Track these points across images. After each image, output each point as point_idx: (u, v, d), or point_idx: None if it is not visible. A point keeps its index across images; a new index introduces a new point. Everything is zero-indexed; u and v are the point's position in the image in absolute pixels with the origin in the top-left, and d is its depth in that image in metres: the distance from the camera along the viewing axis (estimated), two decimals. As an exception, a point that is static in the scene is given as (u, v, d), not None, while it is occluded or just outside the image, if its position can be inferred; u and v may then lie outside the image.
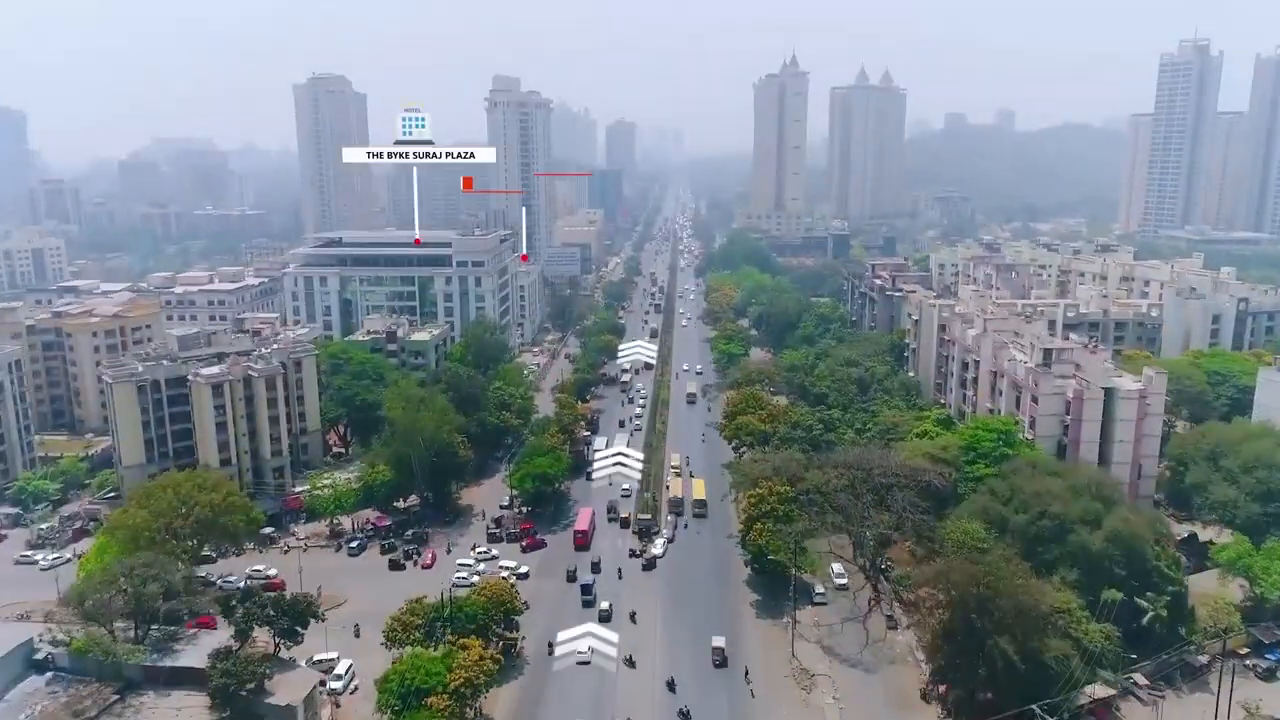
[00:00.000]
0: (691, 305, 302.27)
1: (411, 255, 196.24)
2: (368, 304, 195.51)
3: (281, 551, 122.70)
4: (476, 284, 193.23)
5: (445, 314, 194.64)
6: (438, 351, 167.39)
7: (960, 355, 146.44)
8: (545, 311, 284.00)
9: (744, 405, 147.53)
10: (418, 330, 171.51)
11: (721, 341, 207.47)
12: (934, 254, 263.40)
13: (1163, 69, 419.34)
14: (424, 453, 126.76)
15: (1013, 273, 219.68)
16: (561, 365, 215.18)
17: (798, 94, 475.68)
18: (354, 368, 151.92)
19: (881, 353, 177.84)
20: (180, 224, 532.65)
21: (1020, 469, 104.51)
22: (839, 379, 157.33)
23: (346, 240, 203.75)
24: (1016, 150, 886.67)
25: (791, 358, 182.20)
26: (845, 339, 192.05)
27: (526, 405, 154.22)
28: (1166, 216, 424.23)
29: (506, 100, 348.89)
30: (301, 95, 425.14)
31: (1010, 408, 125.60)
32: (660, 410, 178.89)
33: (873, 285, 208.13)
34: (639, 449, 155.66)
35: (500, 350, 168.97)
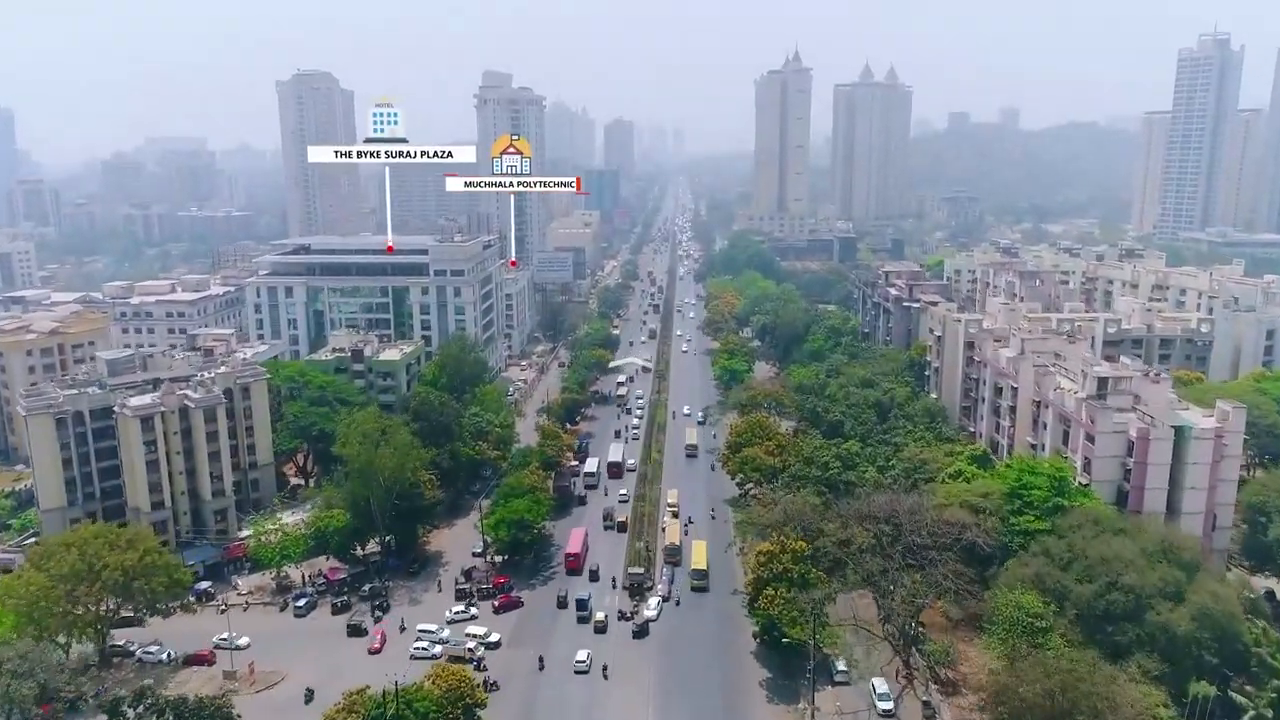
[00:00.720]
0: (691, 325, 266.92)
1: (385, 263, 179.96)
2: (337, 317, 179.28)
3: (219, 610, 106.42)
4: (456, 295, 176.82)
5: (422, 327, 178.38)
6: (409, 372, 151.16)
7: (992, 379, 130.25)
8: (536, 320, 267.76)
9: (749, 434, 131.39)
10: (388, 348, 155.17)
11: (724, 356, 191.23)
12: (949, 260, 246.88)
13: (1181, 64, 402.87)
14: (384, 495, 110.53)
15: (1037, 280, 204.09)
16: (552, 380, 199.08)
17: (801, 91, 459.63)
18: (313, 392, 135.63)
19: (899, 371, 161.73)
20: (163, 226, 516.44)
21: (1080, 525, 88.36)
22: (855, 403, 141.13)
23: (315, 247, 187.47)
24: (1022, 150, 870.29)
25: (800, 375, 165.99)
26: (859, 355, 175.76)
27: (506, 434, 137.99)
28: (1185, 218, 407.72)
29: (496, 97, 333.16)
30: (285, 92, 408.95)
31: (1056, 444, 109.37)
32: (655, 435, 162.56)
33: (887, 295, 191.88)
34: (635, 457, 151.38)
35: (479, 370, 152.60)
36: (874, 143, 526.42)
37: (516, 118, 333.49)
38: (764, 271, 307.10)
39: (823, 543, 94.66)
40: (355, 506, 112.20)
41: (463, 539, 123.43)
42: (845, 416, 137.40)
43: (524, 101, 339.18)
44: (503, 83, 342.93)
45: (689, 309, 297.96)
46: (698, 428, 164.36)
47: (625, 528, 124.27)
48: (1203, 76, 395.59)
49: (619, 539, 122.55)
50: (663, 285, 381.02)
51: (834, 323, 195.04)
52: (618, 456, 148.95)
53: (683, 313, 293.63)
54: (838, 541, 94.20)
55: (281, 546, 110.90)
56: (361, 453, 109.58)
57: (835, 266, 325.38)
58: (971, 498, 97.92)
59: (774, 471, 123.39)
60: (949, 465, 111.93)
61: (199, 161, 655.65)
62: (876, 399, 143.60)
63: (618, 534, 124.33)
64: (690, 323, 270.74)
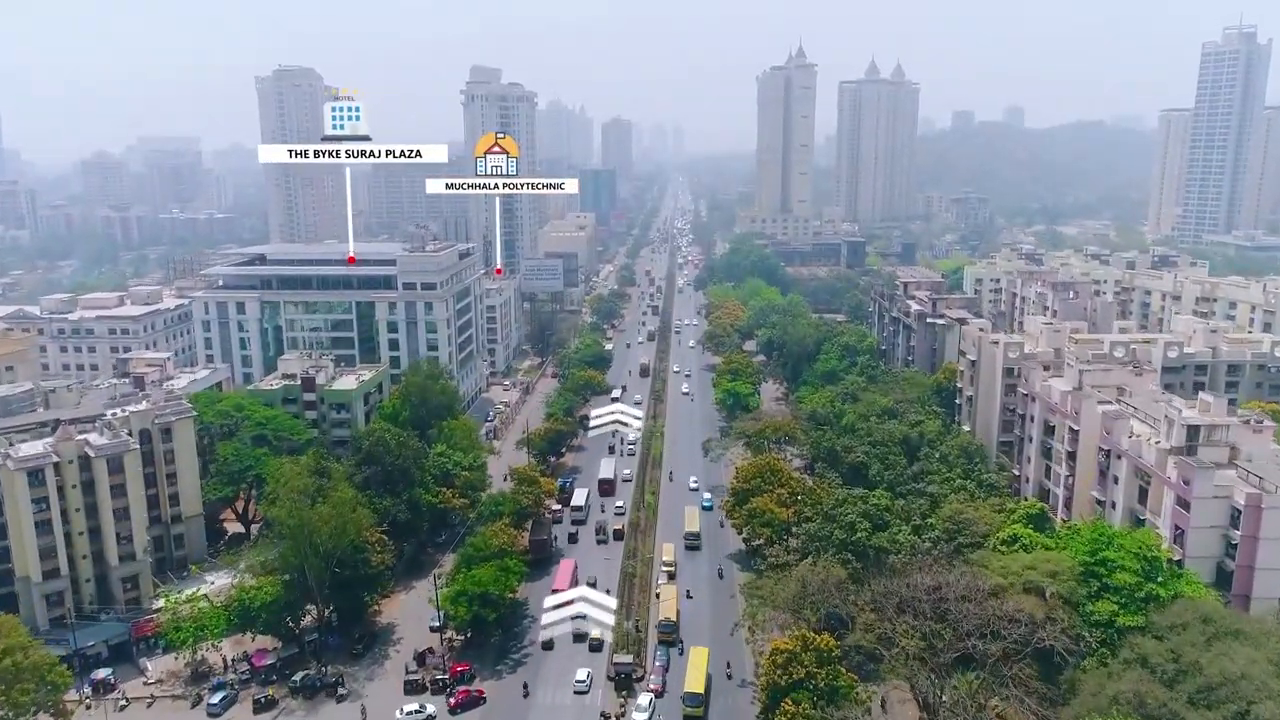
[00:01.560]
0: (691, 358, 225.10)
1: (350, 276, 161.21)
2: (298, 336, 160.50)
3: (117, 707, 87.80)
4: (427, 311, 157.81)
5: (390, 347, 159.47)
6: (368, 403, 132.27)
7: (1042, 415, 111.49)
8: (524, 332, 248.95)
9: (758, 479, 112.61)
10: (345, 374, 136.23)
11: (726, 377, 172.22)
12: (969, 268, 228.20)
13: (1205, 58, 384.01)
14: (321, 564, 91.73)
15: (1070, 293, 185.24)
16: (539, 400, 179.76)
17: (805, 87, 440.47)
18: (251, 430, 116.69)
19: (925, 399, 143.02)
20: (142, 228, 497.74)
21: (1185, 623, 69.56)
22: (879, 440, 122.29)
23: (272, 257, 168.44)
24: (1028, 149, 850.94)
25: (813, 402, 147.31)
26: (878, 378, 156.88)
27: (476, 478, 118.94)
28: (1209, 220, 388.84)
29: (485, 93, 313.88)
30: (265, 89, 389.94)
31: (1131, 502, 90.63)
32: (650, 470, 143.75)
33: (908, 310, 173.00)
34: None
35: (449, 400, 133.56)
36: (880, 142, 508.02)
37: (506, 115, 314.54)
38: (768, 278, 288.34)
39: (855, 638, 75.96)
40: (288, 574, 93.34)
41: (422, 606, 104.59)
42: (869, 458, 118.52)
43: (514, 98, 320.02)
44: (491, 78, 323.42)
45: (688, 331, 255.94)
46: (701, 480, 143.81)
47: (621, 535, 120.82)
48: (1228, 71, 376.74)
49: (614, 550, 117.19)
50: (662, 285, 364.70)
51: (849, 339, 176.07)
52: (609, 473, 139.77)
53: (681, 336, 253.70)
54: (875, 637, 75.52)
55: (197, 623, 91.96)
56: (293, 513, 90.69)
57: (844, 273, 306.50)
58: (1036, 576, 79.14)
59: (787, 527, 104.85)
60: (1000, 528, 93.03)
61: (183, 161, 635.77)
62: (904, 434, 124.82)
63: (613, 542, 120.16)
64: (690, 356, 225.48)
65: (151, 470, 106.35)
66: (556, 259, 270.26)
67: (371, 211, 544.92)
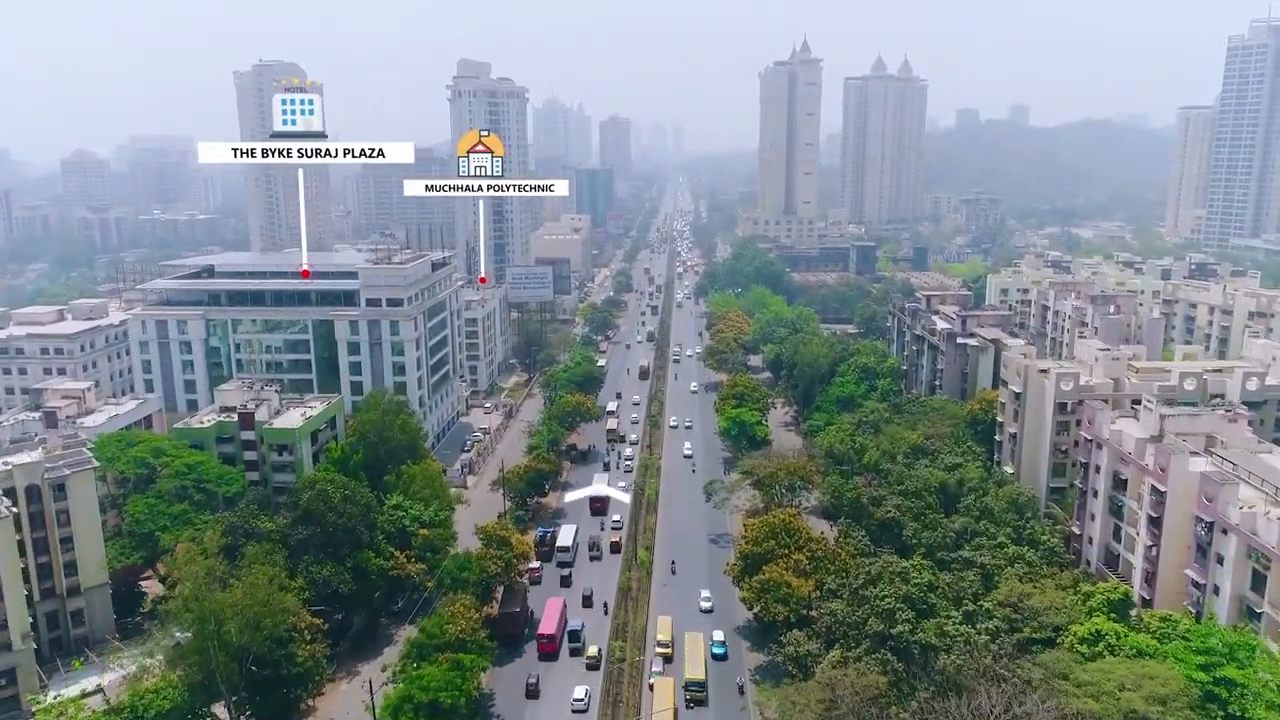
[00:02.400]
0: (694, 405, 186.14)
1: (309, 290, 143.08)
2: (246, 358, 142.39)
3: None
4: (393, 330, 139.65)
5: (351, 371, 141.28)
6: (318, 441, 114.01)
7: (1111, 465, 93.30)
8: (511, 344, 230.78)
9: (770, 541, 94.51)
10: (293, 407, 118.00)
11: (731, 403, 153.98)
12: (993, 278, 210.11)
13: (1231, 52, 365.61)
14: (231, 663, 73.66)
15: (1111, 307, 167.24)
16: (525, 423, 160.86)
17: (810, 84, 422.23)
18: (169, 481, 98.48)
19: (959, 433, 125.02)
20: (122, 230, 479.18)
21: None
22: (911, 489, 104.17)
23: (221, 269, 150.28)
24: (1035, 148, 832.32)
25: (830, 437, 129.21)
26: (903, 407, 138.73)
27: (439, 536, 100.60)
28: (1234, 222, 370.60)
29: (473, 88, 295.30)
30: (244, 85, 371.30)
31: (1243, 589, 72.58)
32: (643, 515, 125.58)
33: (933, 327, 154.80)
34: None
35: (411, 439, 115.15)
36: (887, 140, 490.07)
37: (495, 111, 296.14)
38: (773, 285, 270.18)
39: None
40: (192, 674, 75.25)
41: (368, 697, 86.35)
42: (902, 513, 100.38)
43: (504, 93, 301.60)
44: (480, 72, 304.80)
45: (690, 368, 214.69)
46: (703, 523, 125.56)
47: (618, 549, 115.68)
48: (1255, 66, 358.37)
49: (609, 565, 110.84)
50: (661, 285, 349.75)
51: (867, 360, 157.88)
52: (602, 492, 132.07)
53: (680, 367, 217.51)
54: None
55: (79, 737, 73.75)
56: (193, 603, 72.60)
57: (854, 280, 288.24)
58: (1139, 703, 61.00)
59: (808, 603, 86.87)
60: (1077, 619, 74.76)
61: (169, 160, 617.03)
62: (940, 480, 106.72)
63: (610, 555, 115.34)
64: (694, 404, 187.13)
65: (43, 534, 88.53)
66: (547, 265, 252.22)
67: (360, 212, 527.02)
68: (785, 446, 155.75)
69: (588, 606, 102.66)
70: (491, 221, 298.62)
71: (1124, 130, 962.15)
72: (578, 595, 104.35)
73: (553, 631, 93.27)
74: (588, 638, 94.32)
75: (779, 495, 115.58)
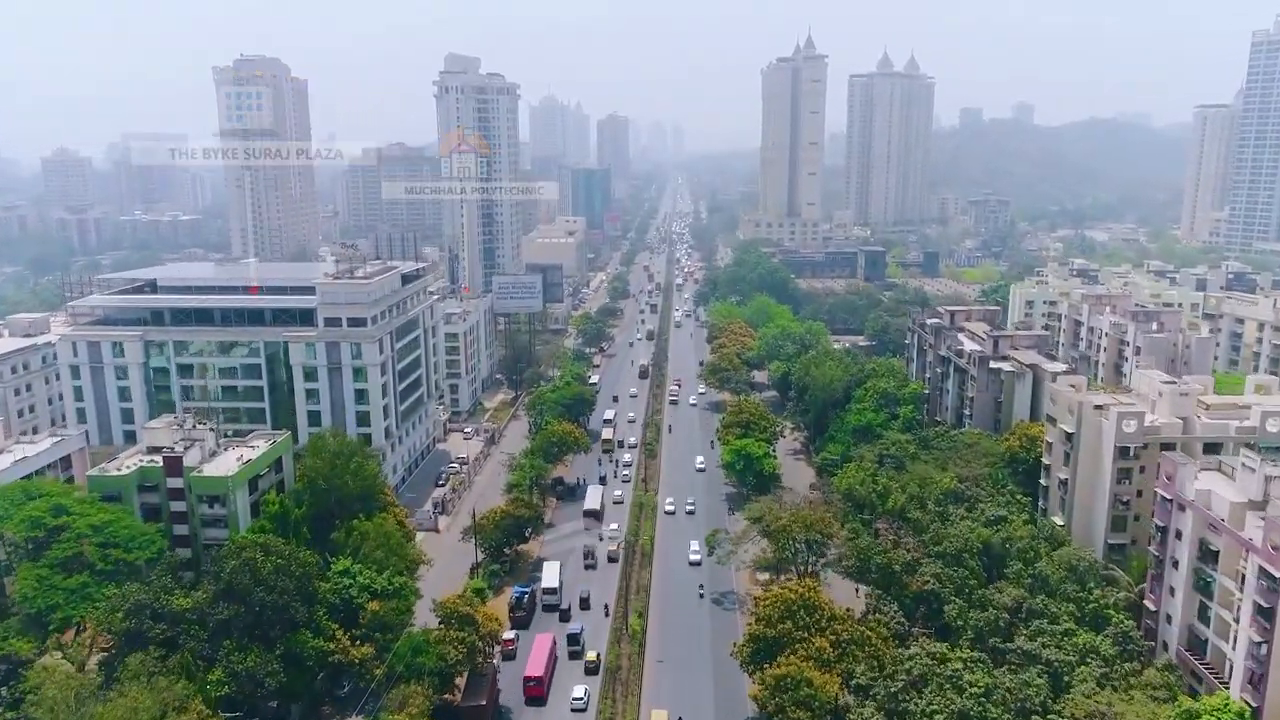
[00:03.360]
0: (697, 445, 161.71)
1: (262, 307, 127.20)
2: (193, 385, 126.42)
3: None
4: (355, 354, 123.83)
5: (308, 399, 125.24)
6: (258, 489, 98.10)
7: (1197, 532, 77.56)
8: (497, 358, 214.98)
9: (786, 621, 78.75)
10: (235, 447, 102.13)
11: (735, 431, 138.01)
12: (1017, 287, 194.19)
13: (1255, 49, 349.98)
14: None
15: (1154, 324, 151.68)
16: (507, 454, 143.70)
17: (815, 81, 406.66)
18: (65, 546, 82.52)
19: (999, 476, 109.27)
20: (102, 231, 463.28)
21: None
22: (950, 553, 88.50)
23: (164, 284, 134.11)
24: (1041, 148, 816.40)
25: (849, 478, 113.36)
26: (931, 441, 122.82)
27: (392, 611, 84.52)
28: (1258, 224, 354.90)
29: (460, 84, 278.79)
30: (222, 80, 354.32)
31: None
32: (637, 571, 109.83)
33: (959, 347, 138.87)
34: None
35: (367, 486, 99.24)
36: (893, 139, 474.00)
37: (484, 108, 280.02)
38: (777, 294, 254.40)
39: None
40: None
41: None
42: (942, 584, 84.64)
43: (494, 90, 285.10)
44: (468, 67, 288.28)
45: (689, 418, 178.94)
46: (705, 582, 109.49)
47: (615, 559, 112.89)
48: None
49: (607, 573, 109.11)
50: (660, 283, 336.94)
51: (886, 385, 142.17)
52: (595, 504, 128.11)
53: (678, 407, 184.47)
54: None
55: None
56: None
57: (863, 287, 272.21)
58: None
59: (834, 712, 71.16)
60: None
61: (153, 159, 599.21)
62: (984, 539, 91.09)
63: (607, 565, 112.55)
64: (698, 443, 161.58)
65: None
66: (538, 272, 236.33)
67: (348, 213, 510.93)
68: (796, 480, 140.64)
69: (585, 609, 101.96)
70: (479, 224, 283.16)
71: (1129, 129, 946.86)
72: (579, 623, 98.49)
73: (540, 674, 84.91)
74: (587, 641, 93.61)
75: (793, 552, 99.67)
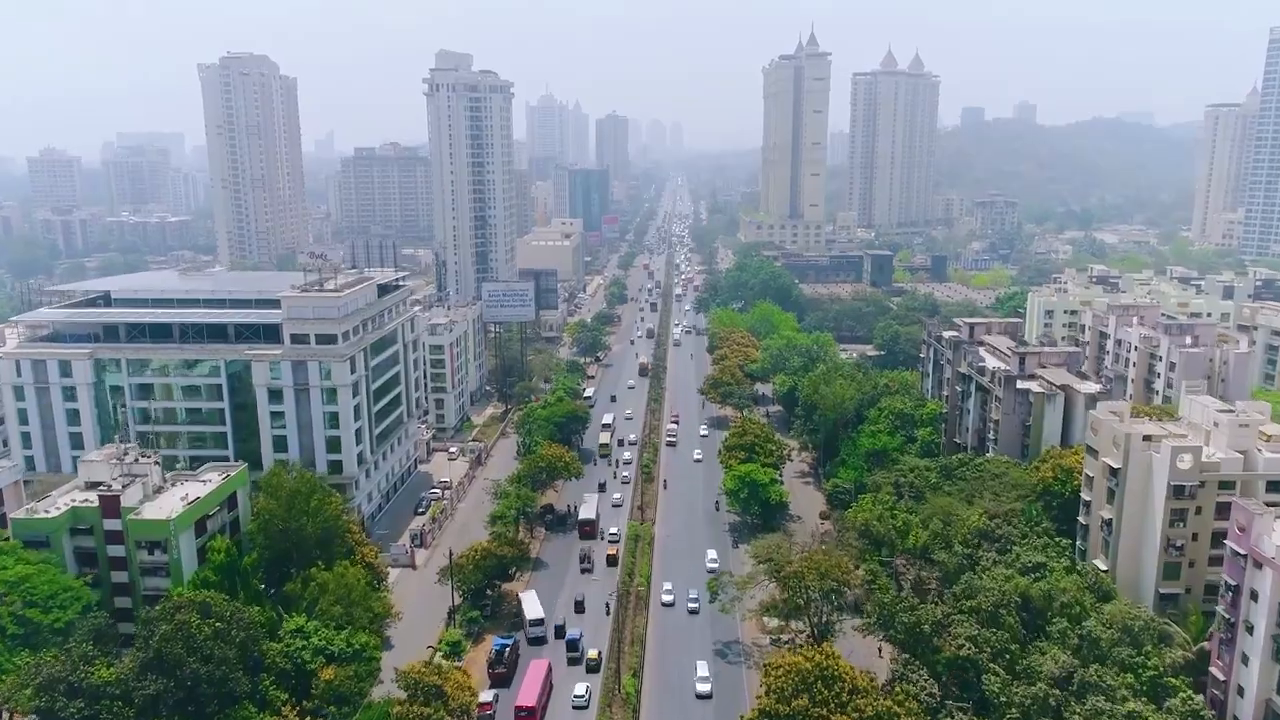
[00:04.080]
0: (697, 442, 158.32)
1: (224, 322, 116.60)
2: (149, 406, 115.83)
3: None
4: (324, 374, 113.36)
5: (274, 423, 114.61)
6: (207, 530, 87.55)
7: (1276, 594, 67.10)
8: (487, 369, 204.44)
9: (802, 697, 68.14)
10: (184, 482, 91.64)
11: (738, 455, 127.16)
12: (1035, 296, 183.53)
13: (1273, 45, 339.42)
14: None
15: (1188, 338, 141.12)
16: (492, 481, 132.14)
17: (818, 79, 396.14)
18: (-23, 605, 72.11)
19: (1033, 513, 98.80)
20: (88, 233, 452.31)
21: None
22: (986, 609, 77.96)
23: (118, 295, 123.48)
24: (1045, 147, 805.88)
25: (865, 513, 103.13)
26: (953, 471, 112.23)
27: (350, 679, 73.95)
28: (1275, 228, 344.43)
29: (452, 81, 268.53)
30: (209, 78, 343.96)
31: None
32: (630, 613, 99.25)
33: (980, 364, 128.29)
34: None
35: (327, 527, 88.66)
36: (897, 139, 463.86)
37: (477, 107, 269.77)
38: (781, 300, 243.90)
39: None
40: None
41: None
42: (978, 647, 74.10)
43: (486, 87, 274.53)
44: (460, 64, 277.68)
45: (692, 428, 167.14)
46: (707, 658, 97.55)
47: (615, 562, 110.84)
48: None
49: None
50: (660, 281, 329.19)
51: (901, 405, 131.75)
52: (590, 514, 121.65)
53: (678, 452, 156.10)
54: None
55: None
56: None
57: (870, 294, 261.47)
58: None
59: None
60: None
61: (145, 159, 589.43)
62: (1022, 590, 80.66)
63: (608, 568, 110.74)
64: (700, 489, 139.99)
65: None
66: (530, 278, 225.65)
67: (340, 214, 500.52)
68: (805, 507, 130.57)
69: (580, 613, 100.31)
70: (472, 227, 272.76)
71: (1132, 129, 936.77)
72: (577, 629, 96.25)
73: (532, 704, 79.56)
74: (586, 646, 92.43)
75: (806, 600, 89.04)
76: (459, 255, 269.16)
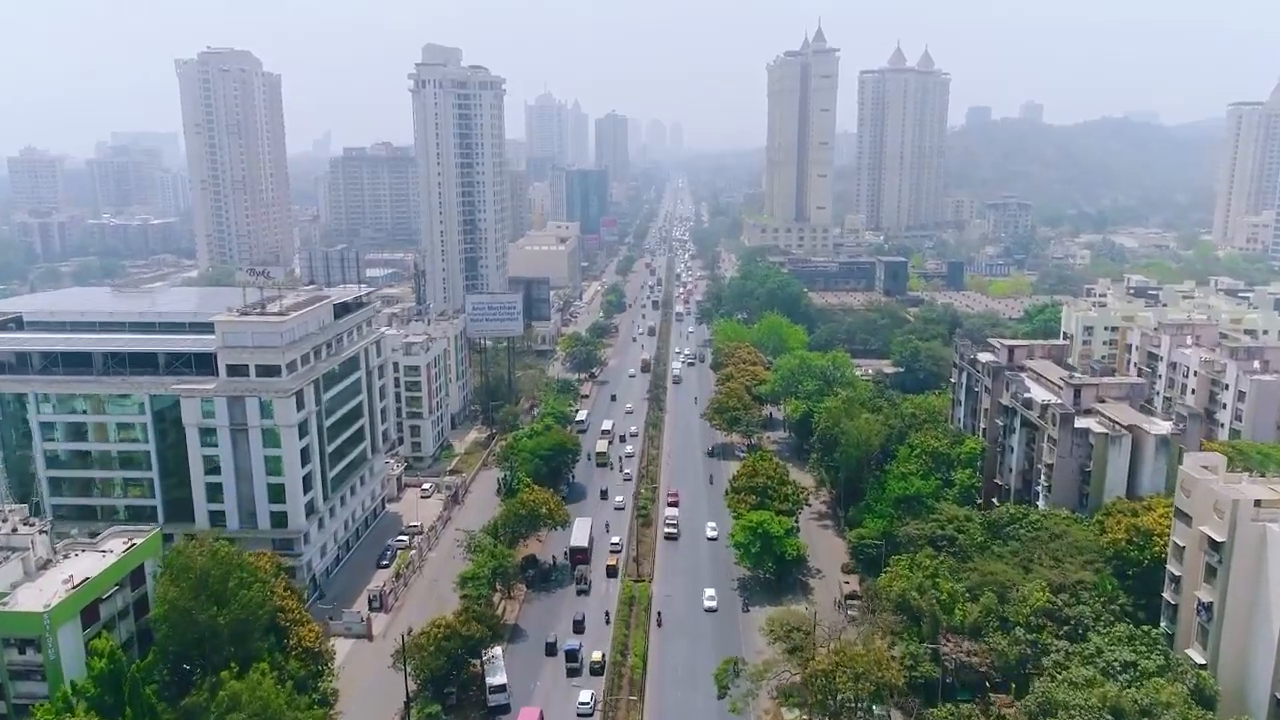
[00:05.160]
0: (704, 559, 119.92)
1: (154, 351, 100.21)
2: (58, 451, 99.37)
3: None
4: (266, 413, 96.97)
5: (207, 469, 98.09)
6: (97, 621, 71.03)
7: None
8: (472, 388, 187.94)
9: None
10: (82, 552, 75.22)
11: (748, 499, 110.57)
12: (1070, 310, 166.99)
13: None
14: None
15: (1256, 363, 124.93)
16: (465, 531, 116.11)
17: (825, 76, 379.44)
18: None
19: (1107, 585, 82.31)
20: (67, 236, 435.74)
21: None
22: None
23: (32, 318, 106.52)
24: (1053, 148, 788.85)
25: (900, 582, 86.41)
26: (1002, 528, 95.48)
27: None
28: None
29: (439, 77, 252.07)
30: (187, 75, 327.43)
31: None
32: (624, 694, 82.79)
33: (1027, 396, 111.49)
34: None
35: (247, 615, 71.93)
36: (906, 139, 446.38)
37: (465, 104, 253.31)
38: (789, 310, 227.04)
39: None
40: None
41: None
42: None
43: (476, 84, 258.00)
44: (448, 59, 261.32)
45: (700, 518, 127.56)
46: None
47: (614, 573, 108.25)
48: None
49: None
50: (662, 278, 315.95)
51: (937, 445, 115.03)
52: (583, 540, 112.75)
53: (681, 525, 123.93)
54: None
55: None
56: None
57: (885, 304, 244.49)
58: None
59: None
60: None
61: (130, 159, 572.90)
62: (1111, 702, 64.16)
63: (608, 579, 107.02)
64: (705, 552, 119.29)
65: None
66: (520, 287, 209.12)
67: (330, 216, 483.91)
68: (825, 558, 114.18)
69: (579, 633, 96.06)
70: (460, 232, 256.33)
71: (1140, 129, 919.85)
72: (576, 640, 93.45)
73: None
74: (585, 657, 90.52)
75: (837, 707, 72.42)
76: (446, 262, 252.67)
